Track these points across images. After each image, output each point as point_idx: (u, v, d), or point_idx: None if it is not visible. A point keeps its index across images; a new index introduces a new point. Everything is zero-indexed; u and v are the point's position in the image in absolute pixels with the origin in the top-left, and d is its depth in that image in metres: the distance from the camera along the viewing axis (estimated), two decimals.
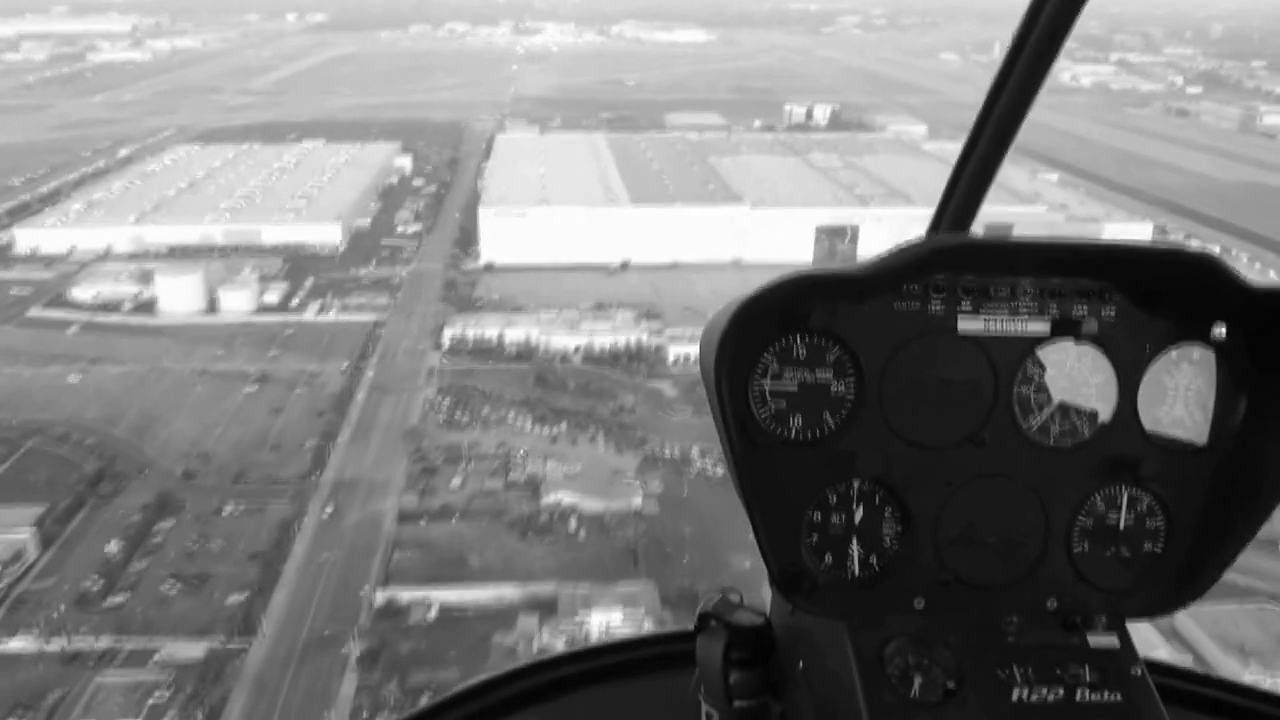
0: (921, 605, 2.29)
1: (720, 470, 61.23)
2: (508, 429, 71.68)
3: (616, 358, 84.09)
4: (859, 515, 2.29)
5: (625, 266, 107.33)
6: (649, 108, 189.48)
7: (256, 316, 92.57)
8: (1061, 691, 2.12)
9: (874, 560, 2.31)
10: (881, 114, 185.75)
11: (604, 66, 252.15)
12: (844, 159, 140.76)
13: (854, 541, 2.29)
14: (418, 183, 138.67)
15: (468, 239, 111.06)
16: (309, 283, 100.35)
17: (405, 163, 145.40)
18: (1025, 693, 2.12)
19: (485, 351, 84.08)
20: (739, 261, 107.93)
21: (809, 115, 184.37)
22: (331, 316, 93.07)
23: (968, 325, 2.23)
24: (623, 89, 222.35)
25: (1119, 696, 2.13)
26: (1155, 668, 2.29)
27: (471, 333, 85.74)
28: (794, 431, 2.24)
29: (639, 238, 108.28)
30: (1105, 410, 2.28)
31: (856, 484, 2.28)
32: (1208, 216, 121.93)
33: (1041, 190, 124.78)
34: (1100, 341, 2.25)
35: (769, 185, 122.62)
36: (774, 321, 2.19)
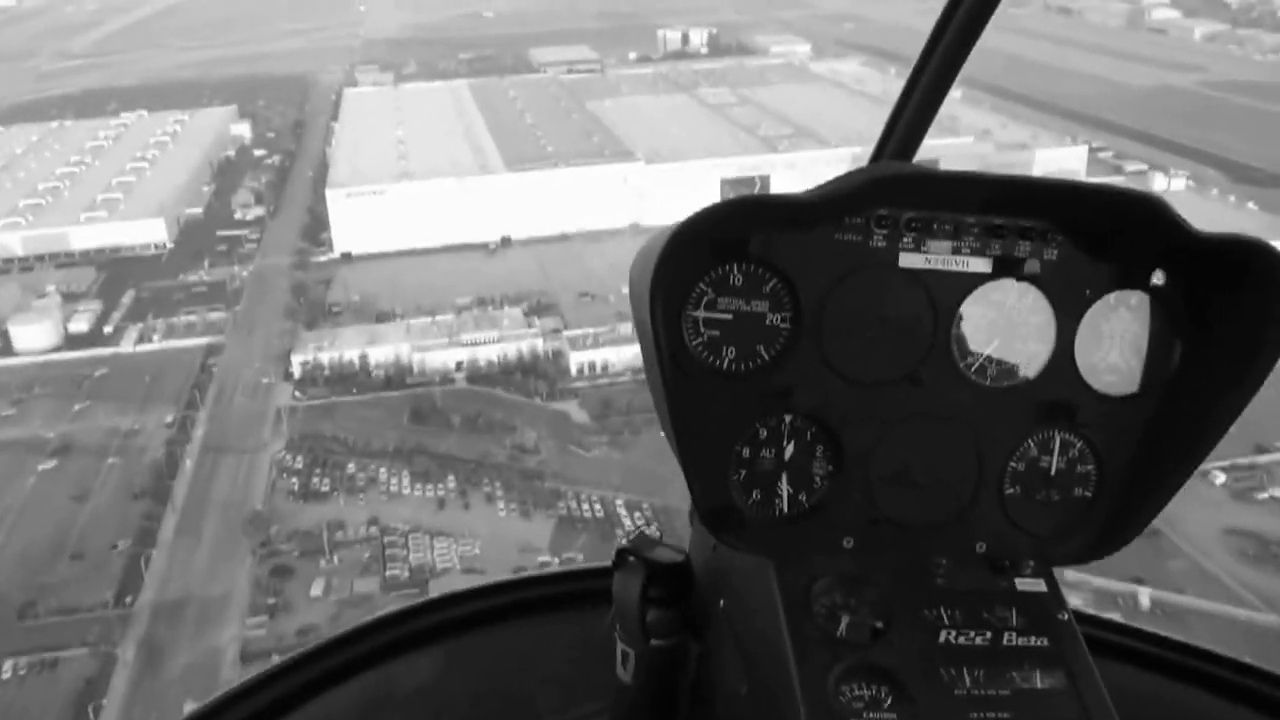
0: (850, 545, 2.23)
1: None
2: (380, 494, 55.54)
3: (508, 373, 68.30)
4: (790, 451, 2.21)
5: (506, 243, 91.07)
6: (512, 43, 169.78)
7: (60, 354, 73.92)
8: (989, 634, 2.09)
9: (803, 498, 2.23)
10: (760, 33, 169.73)
11: None
12: (736, 92, 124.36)
13: (783, 478, 2.22)
14: (259, 153, 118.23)
15: (318, 223, 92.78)
16: (127, 299, 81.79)
17: (243, 130, 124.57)
18: (953, 635, 2.08)
19: (346, 379, 67.39)
20: (637, 226, 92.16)
21: (685, 40, 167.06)
22: (155, 344, 74.75)
23: (909, 261, 2.15)
24: (481, 22, 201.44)
25: (1045, 641, 2.10)
26: (1079, 617, 2.21)
27: (327, 355, 68.72)
28: (727, 362, 2.14)
29: (519, 207, 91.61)
30: (1043, 353, 2.24)
31: (789, 419, 2.20)
32: (1129, 129, 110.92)
33: (955, 112, 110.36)
34: (1041, 283, 2.20)
35: (661, 132, 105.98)
36: (710, 249, 2.08)
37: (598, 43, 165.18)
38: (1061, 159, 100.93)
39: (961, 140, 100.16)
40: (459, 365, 68.76)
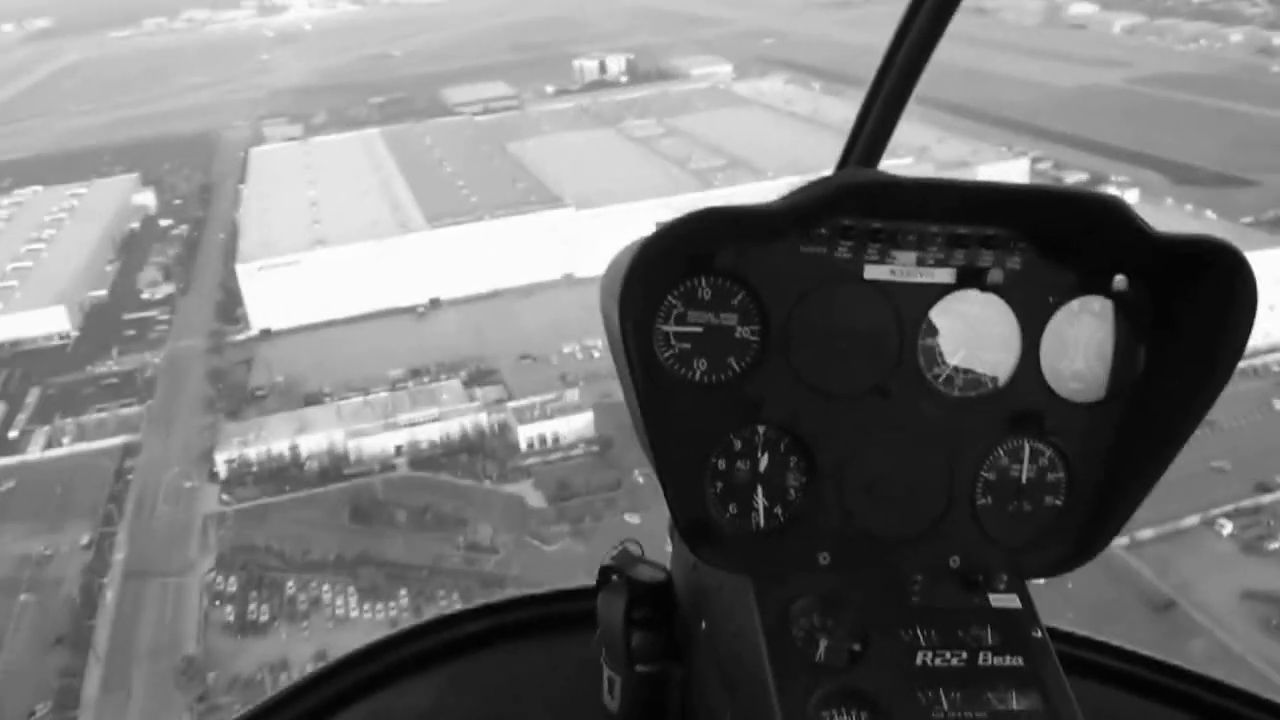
0: (827, 560, 2.24)
1: None
2: (325, 619, 49.76)
3: (453, 454, 62.93)
4: (764, 463, 2.22)
5: (435, 305, 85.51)
6: (423, 83, 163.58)
7: None
8: (964, 655, 2.10)
9: (779, 511, 2.25)
10: (679, 55, 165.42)
11: (366, 39, 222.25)
12: (662, 122, 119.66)
13: (759, 490, 2.23)
14: (165, 224, 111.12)
15: (233, 298, 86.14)
16: (33, 398, 74.97)
17: (147, 199, 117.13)
18: (929, 656, 2.09)
19: (277, 475, 61.56)
20: (571, 277, 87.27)
21: (603, 69, 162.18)
22: (65, 448, 67.92)
23: (874, 272, 2.18)
24: (390, 63, 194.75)
25: (1020, 660, 2.12)
26: (1052, 634, 2.24)
27: (254, 450, 62.75)
28: (699, 374, 2.17)
29: (446, 266, 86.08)
30: (1009, 362, 2.26)
31: (762, 430, 2.21)
32: (1064, 134, 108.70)
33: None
34: (1004, 292, 2.22)
35: (589, 173, 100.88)
36: (678, 262, 2.12)
37: (513, 77, 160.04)
38: (1004, 174, 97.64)
39: (902, 161, 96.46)
40: (399, 450, 63.25)
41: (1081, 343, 2.27)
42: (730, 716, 2.15)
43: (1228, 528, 51.09)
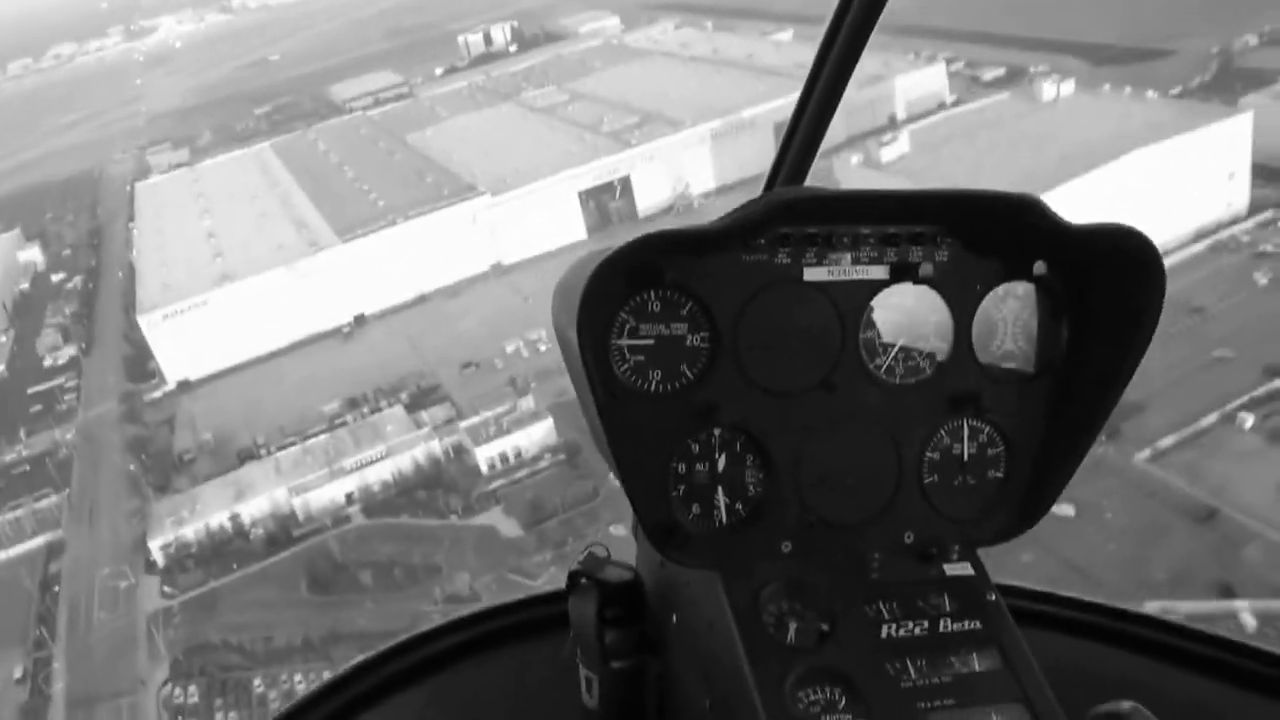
0: (789, 549, 2.34)
1: None
2: None
3: (409, 492, 56.71)
4: (722, 463, 2.33)
5: (361, 322, 78.72)
6: (308, 84, 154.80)
7: None
8: (926, 624, 2.22)
9: (740, 507, 2.35)
10: (563, 15, 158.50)
11: (239, 48, 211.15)
12: (563, 88, 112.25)
13: (719, 490, 2.33)
14: (57, 278, 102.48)
15: (142, 352, 78.35)
16: None
17: (34, 255, 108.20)
18: (893, 628, 2.20)
19: (221, 551, 54.94)
20: (499, 266, 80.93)
21: (488, 41, 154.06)
22: None
23: (813, 274, 2.29)
24: (270, 68, 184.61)
25: (978, 623, 2.24)
26: (1005, 590, 2.39)
27: (191, 528, 55.85)
28: (654, 384, 2.26)
29: (365, 279, 78.88)
30: (944, 348, 2.38)
31: (718, 433, 2.31)
32: (964, 32, 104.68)
33: (798, 58, 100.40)
34: (935, 283, 2.34)
35: (498, 153, 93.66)
36: (627, 278, 2.20)
37: (398, 63, 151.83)
38: (922, 83, 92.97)
39: None
40: (350, 498, 56.74)
41: (1009, 325, 2.39)
42: (709, 704, 2.22)
43: (1249, 420, 47.54)
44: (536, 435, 56.93)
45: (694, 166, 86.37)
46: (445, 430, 59.96)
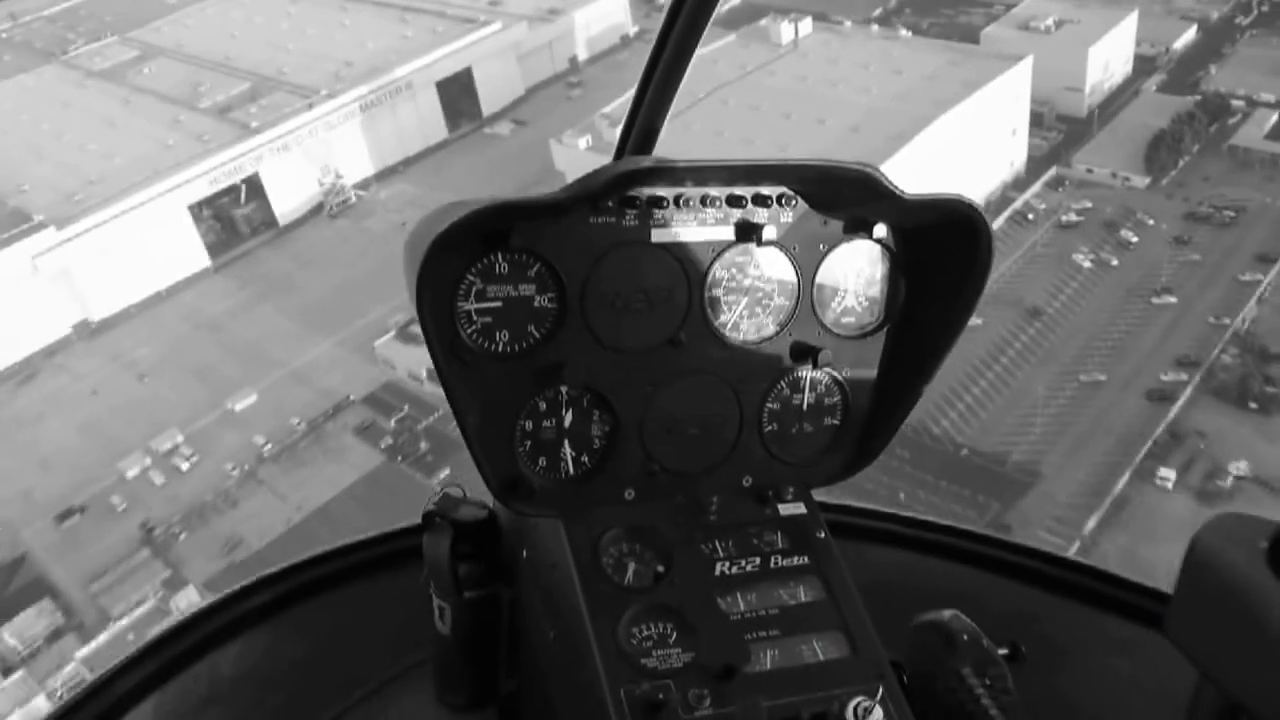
0: (632, 496, 2.42)
1: None
2: None
3: None
4: (569, 420, 2.38)
5: None
6: None
7: None
8: (758, 560, 2.34)
9: (585, 459, 2.41)
10: None
11: None
12: (129, 40, 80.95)
13: (565, 444, 2.38)
14: None
15: None
16: None
17: None
18: (727, 566, 2.32)
19: None
20: (88, 325, 54.53)
21: None
22: None
23: (660, 236, 2.32)
24: None
25: (806, 559, 2.36)
26: (829, 507, 2.55)
27: None
28: (501, 345, 2.28)
29: None
30: (787, 305, 2.46)
31: (564, 390, 2.36)
32: None
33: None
34: (779, 244, 2.41)
35: (54, 155, 64.31)
36: (474, 241, 2.20)
37: None
38: (603, 14, 73.86)
39: (503, 34, 68.83)
40: None
41: (850, 282, 2.49)
42: (552, 636, 2.35)
43: (1170, 477, 41.26)
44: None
45: (344, 149, 62.57)
46: (49, 663, 35.33)
